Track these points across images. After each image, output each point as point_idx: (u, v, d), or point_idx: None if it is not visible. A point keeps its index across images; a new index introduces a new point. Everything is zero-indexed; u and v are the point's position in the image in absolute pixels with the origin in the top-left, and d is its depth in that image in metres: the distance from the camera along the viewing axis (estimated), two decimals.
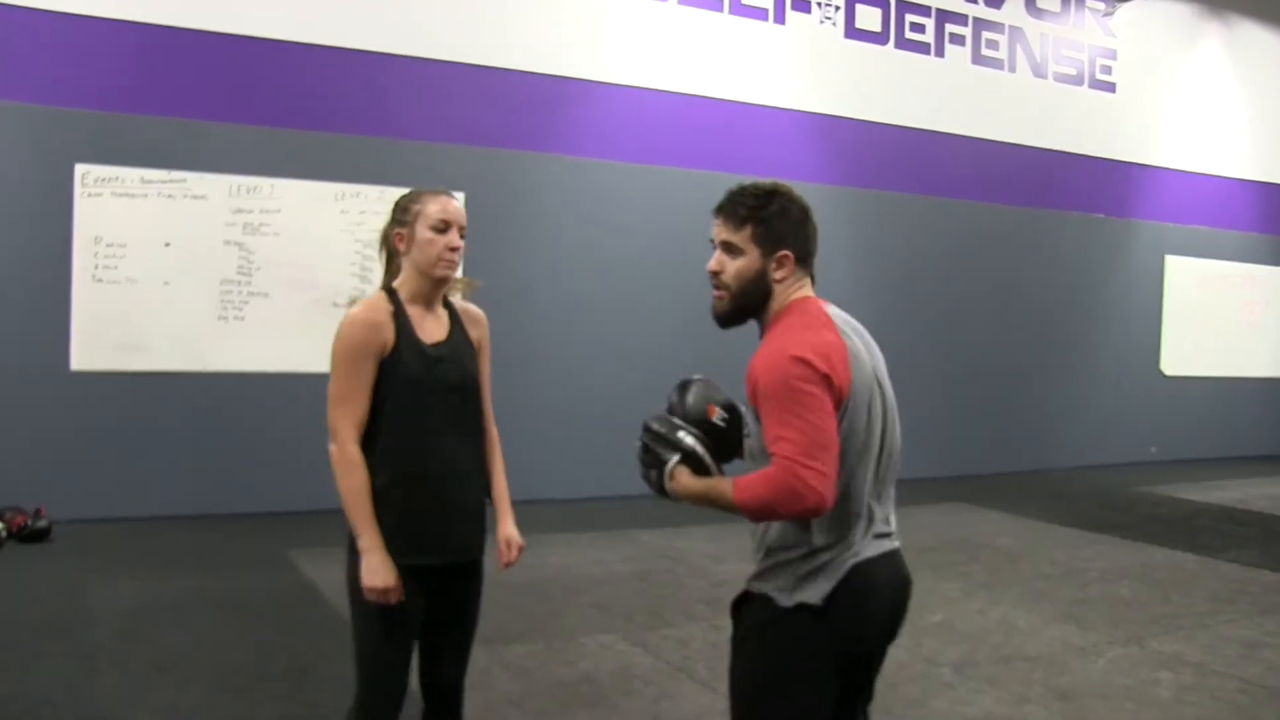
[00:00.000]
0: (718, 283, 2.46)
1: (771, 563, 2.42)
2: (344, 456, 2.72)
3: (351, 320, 2.77)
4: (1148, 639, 5.40)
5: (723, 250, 2.44)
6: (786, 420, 2.20)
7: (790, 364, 2.24)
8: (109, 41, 7.27)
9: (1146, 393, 12.10)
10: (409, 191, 2.95)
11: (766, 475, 2.21)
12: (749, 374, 2.31)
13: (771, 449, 2.21)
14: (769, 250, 2.40)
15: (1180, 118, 12.33)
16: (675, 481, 2.41)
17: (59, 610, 5.33)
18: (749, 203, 2.42)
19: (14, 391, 7.05)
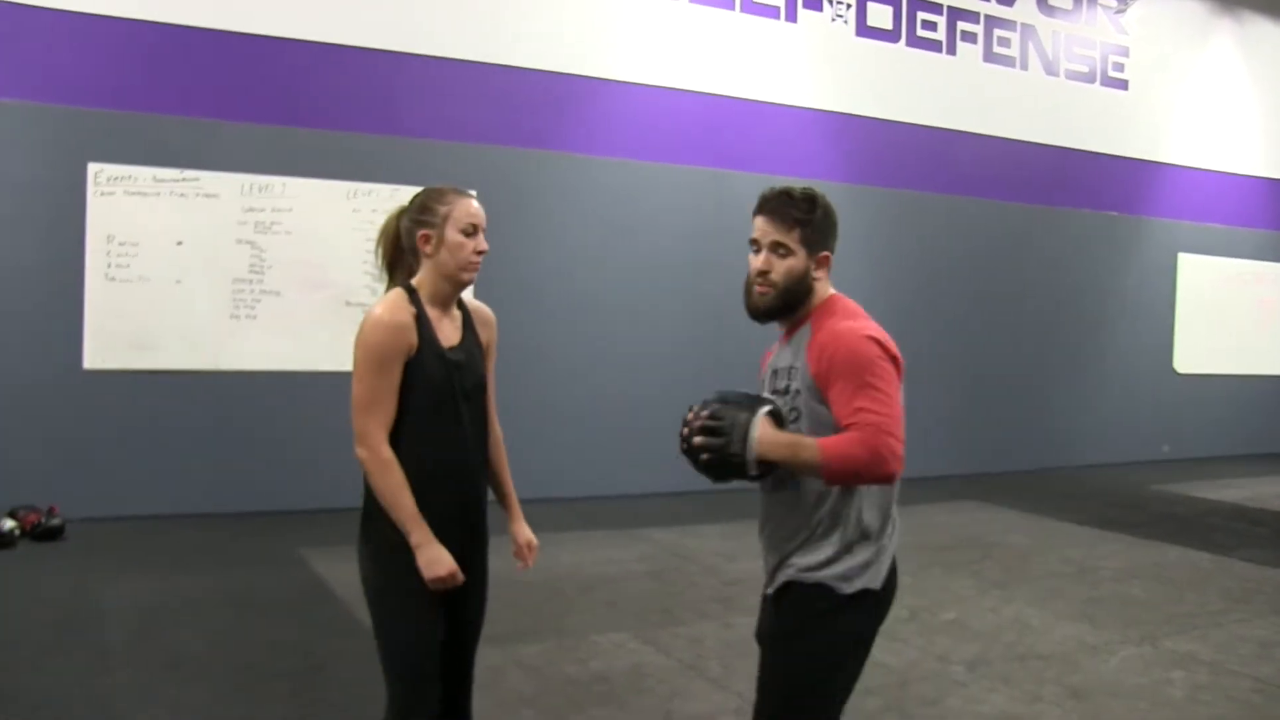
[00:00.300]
0: (765, 281, 2.55)
1: (828, 551, 2.48)
2: (378, 459, 2.69)
3: (376, 323, 2.71)
4: (1161, 638, 5.38)
5: (771, 250, 2.54)
6: (867, 393, 2.35)
7: (865, 342, 2.42)
8: (121, 41, 7.29)
9: (1159, 391, 12.06)
10: (431, 189, 2.89)
11: (853, 438, 2.31)
12: (817, 352, 2.44)
13: (852, 419, 2.33)
14: (813, 252, 2.55)
15: (1193, 115, 12.28)
16: (761, 432, 2.38)
17: (72, 608, 5.35)
18: (800, 207, 2.55)
19: (27, 390, 7.07)
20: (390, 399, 2.71)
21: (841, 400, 2.38)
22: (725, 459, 2.40)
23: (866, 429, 2.30)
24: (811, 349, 2.48)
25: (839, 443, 2.32)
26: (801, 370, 2.50)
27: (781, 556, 2.56)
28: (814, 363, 2.45)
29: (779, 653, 2.53)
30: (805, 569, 2.49)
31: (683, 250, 9.11)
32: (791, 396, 2.52)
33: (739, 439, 2.38)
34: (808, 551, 2.50)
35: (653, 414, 8.94)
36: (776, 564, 2.58)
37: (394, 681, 2.77)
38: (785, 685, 2.50)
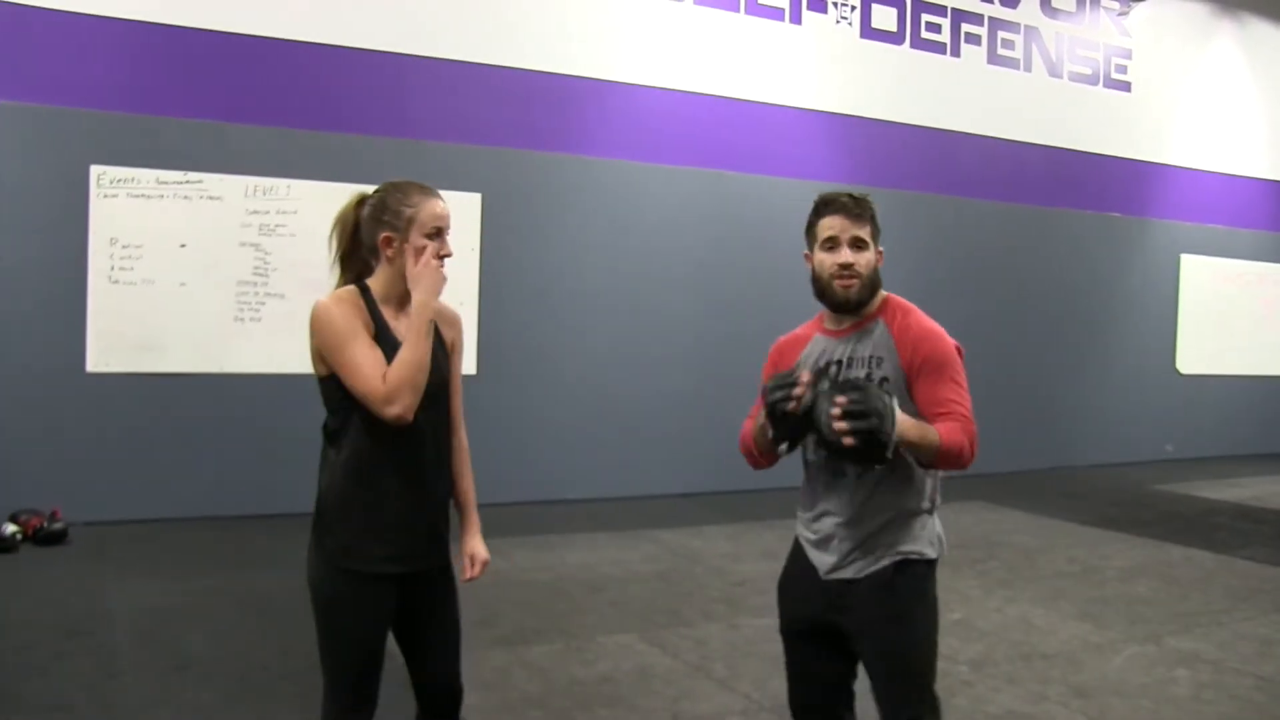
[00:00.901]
0: (851, 273, 2.74)
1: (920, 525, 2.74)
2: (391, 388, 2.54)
3: (326, 305, 2.64)
4: (1165, 636, 5.39)
5: (853, 246, 2.75)
6: (956, 388, 2.65)
7: (952, 347, 2.71)
8: (125, 43, 7.30)
9: (1162, 391, 12.06)
10: (393, 186, 2.72)
11: (956, 427, 2.58)
12: (911, 345, 2.68)
13: (943, 408, 2.61)
14: (877, 245, 2.82)
15: (1195, 117, 12.29)
16: (901, 423, 2.48)
17: (77, 612, 5.35)
18: (867, 206, 2.82)
19: (30, 393, 7.07)
20: (373, 352, 2.59)
21: (931, 391, 2.64)
22: (875, 440, 2.44)
23: (964, 420, 2.60)
24: (903, 342, 2.69)
25: (951, 431, 2.57)
26: (890, 361, 2.69)
27: (866, 537, 2.70)
28: (907, 354, 2.68)
29: (905, 628, 2.69)
30: (908, 546, 2.71)
31: (688, 252, 9.11)
32: (877, 383, 2.66)
33: (890, 420, 2.44)
34: (903, 529, 2.71)
35: (658, 415, 8.96)
36: (857, 546, 2.70)
37: (329, 690, 2.72)
38: (923, 656, 2.72)
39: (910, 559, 2.70)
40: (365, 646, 2.70)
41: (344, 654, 2.70)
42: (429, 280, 2.64)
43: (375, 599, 2.69)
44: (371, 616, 2.70)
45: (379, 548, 2.67)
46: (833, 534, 2.74)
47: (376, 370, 2.57)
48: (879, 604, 2.67)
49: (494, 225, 8.30)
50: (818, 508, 2.80)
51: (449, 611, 2.85)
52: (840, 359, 2.75)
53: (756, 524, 7.87)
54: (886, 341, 2.72)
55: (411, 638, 2.82)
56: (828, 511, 2.76)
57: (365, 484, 2.66)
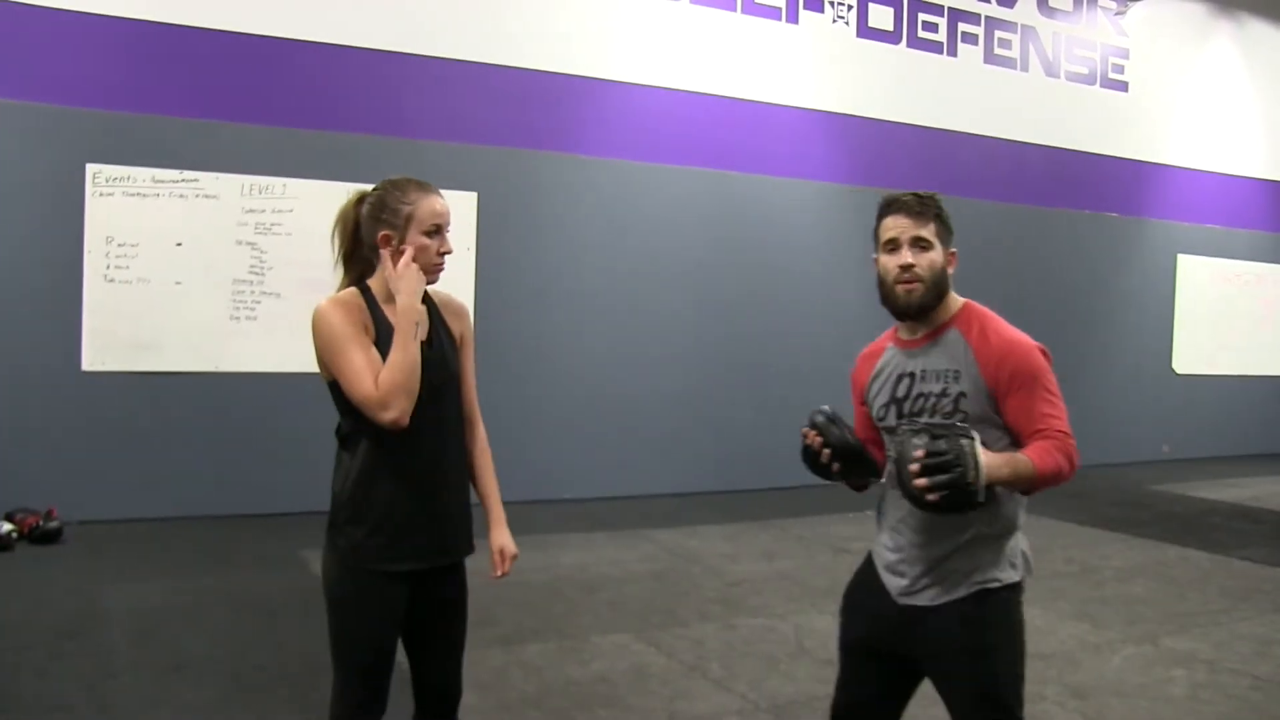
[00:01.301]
0: (912, 275, 2.58)
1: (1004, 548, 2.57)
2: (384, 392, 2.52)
3: (326, 308, 2.63)
4: (1162, 637, 5.39)
5: (913, 246, 2.59)
6: (1051, 402, 2.52)
7: (1038, 352, 2.56)
8: (120, 41, 7.28)
9: (1159, 391, 12.06)
10: (391, 183, 2.71)
11: (1051, 447, 2.44)
12: (996, 359, 2.51)
13: (1040, 425, 2.47)
14: (946, 247, 2.64)
15: (1192, 116, 12.30)
16: (987, 465, 2.34)
17: (73, 611, 5.34)
18: (932, 204, 2.63)
19: (25, 392, 7.06)
20: (370, 357, 2.58)
21: (1024, 408, 2.49)
22: (962, 490, 2.31)
23: (1061, 437, 2.46)
24: (985, 355, 2.53)
25: (1044, 454, 2.42)
26: (970, 374, 2.53)
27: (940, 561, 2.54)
28: (991, 368, 2.52)
29: (989, 663, 2.52)
30: (988, 573, 2.54)
31: (685, 251, 9.11)
32: (953, 399, 2.54)
33: (974, 468, 2.31)
34: (982, 553, 2.54)
35: (655, 415, 8.96)
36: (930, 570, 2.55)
37: (340, 689, 2.71)
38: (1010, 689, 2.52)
39: (990, 587, 2.53)
40: (377, 646, 2.70)
41: (356, 653, 2.69)
42: (409, 282, 2.62)
43: (388, 598, 2.68)
44: (384, 616, 2.69)
45: (392, 547, 2.66)
46: (905, 555, 2.60)
47: (372, 376, 2.56)
48: (960, 638, 2.52)
49: (490, 225, 8.29)
50: (890, 525, 2.67)
51: (458, 611, 2.85)
52: (913, 372, 2.61)
53: (753, 524, 7.87)
54: (964, 354, 2.56)
55: (418, 636, 2.80)
56: (900, 531, 2.62)
57: (379, 485, 2.65)
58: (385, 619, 2.70)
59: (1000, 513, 2.54)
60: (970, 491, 2.31)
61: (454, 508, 2.78)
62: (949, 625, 2.52)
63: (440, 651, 2.83)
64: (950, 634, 2.52)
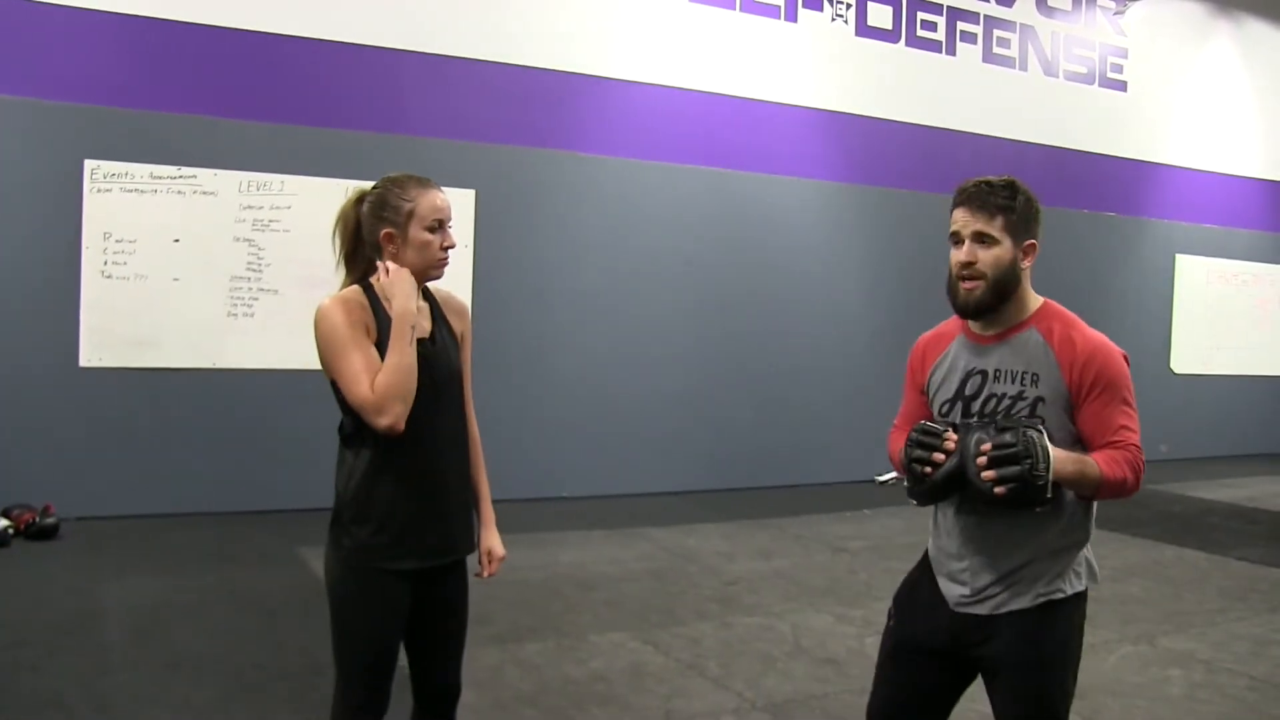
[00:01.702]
0: (972, 273, 2.48)
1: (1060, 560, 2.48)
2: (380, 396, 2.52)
3: (329, 307, 2.62)
4: (1158, 636, 5.39)
5: (975, 241, 2.48)
6: (1128, 413, 2.41)
7: (1121, 359, 2.46)
8: (119, 36, 7.27)
9: (1157, 391, 12.03)
10: (390, 180, 2.71)
11: (1121, 458, 2.36)
12: (1080, 363, 2.41)
13: (1115, 436, 2.37)
14: (1019, 240, 2.48)
15: (1191, 116, 12.30)
16: (1056, 463, 2.28)
17: (70, 608, 5.33)
18: (1001, 194, 2.48)
19: (22, 387, 7.05)
20: (370, 361, 2.57)
21: (1100, 416, 2.39)
22: (1030, 482, 2.25)
23: (1131, 449, 2.37)
24: (1067, 358, 2.42)
25: (1112, 462, 2.35)
26: (1051, 379, 2.42)
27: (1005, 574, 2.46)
28: (1072, 372, 2.41)
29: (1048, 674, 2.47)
30: (1054, 584, 2.46)
31: (683, 249, 9.10)
32: (1030, 404, 2.44)
33: (1043, 460, 2.26)
34: (1048, 565, 2.46)
35: (653, 413, 8.95)
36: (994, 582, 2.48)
37: (342, 688, 2.71)
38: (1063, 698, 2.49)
39: (1054, 599, 2.45)
40: (380, 645, 2.70)
41: (358, 652, 2.69)
42: (402, 285, 2.62)
43: (391, 597, 2.68)
44: (387, 615, 2.69)
45: (397, 546, 2.67)
46: (966, 564, 2.52)
47: (369, 379, 2.55)
48: (1021, 649, 2.45)
49: (489, 222, 8.28)
50: (949, 527, 2.57)
51: (459, 609, 2.85)
52: (984, 370, 2.50)
53: (750, 523, 7.87)
54: (1044, 356, 2.44)
55: (419, 633, 2.80)
56: (961, 538, 2.53)
57: (383, 483, 2.65)
58: (388, 618, 2.69)
59: (1073, 526, 2.48)
60: (1039, 486, 2.25)
61: (457, 506, 2.79)
62: (1012, 634, 2.45)
63: (440, 650, 2.83)
64: (1012, 643, 2.45)
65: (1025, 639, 2.44)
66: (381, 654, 2.70)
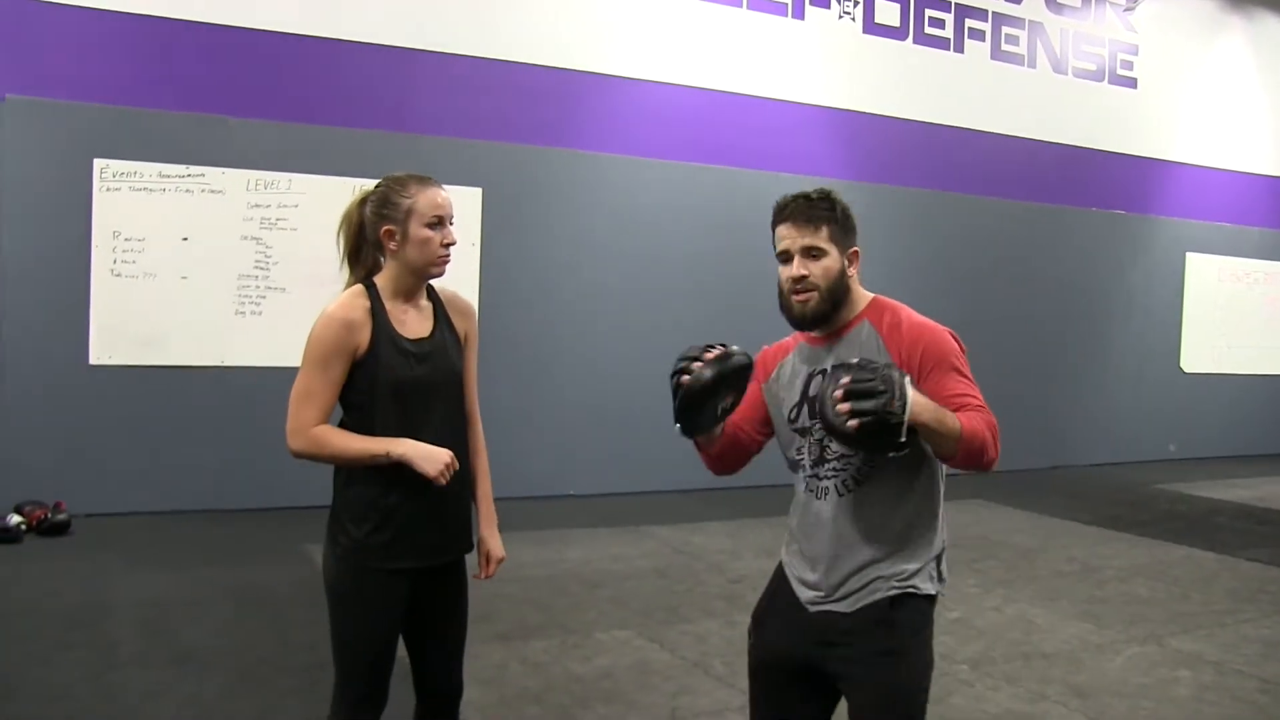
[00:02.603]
0: (805, 285, 2.48)
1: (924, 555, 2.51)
2: (313, 440, 2.67)
3: (328, 319, 2.67)
4: (1166, 637, 5.38)
5: (805, 255, 2.49)
6: (962, 380, 2.39)
7: (950, 337, 2.47)
8: (127, 36, 7.30)
9: (1166, 390, 12.03)
10: (392, 179, 2.75)
11: (979, 418, 2.31)
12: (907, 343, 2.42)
13: (957, 404, 2.31)
14: (844, 249, 2.51)
15: (1202, 113, 12.25)
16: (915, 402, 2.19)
17: (79, 603, 5.36)
18: (822, 206, 2.53)
19: (33, 385, 7.08)
20: (327, 394, 2.67)
21: (935, 388, 2.34)
22: (884, 419, 2.14)
23: (985, 412, 2.34)
24: (894, 341, 2.44)
25: (969, 418, 2.29)
26: (874, 351, 2.42)
27: (858, 568, 2.44)
28: (902, 353, 2.41)
29: (899, 668, 2.41)
30: (907, 580, 2.44)
31: (690, 247, 9.10)
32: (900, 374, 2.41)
33: (900, 396, 2.15)
34: (900, 559, 2.46)
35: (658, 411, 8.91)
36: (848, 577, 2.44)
37: (342, 685, 2.73)
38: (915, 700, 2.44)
39: (909, 593, 2.43)
40: (378, 642, 2.72)
41: (357, 650, 2.71)
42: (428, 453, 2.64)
43: (389, 595, 2.70)
44: (385, 613, 2.71)
45: (394, 545, 2.68)
46: (818, 560, 2.48)
47: (313, 407, 2.68)
48: (872, 641, 2.40)
49: (495, 220, 8.29)
50: (803, 530, 2.54)
51: (458, 607, 2.86)
52: (824, 369, 2.44)
53: (755, 520, 7.86)
54: (875, 343, 2.45)
55: (419, 632, 2.82)
56: (813, 535, 2.50)
57: (380, 482, 2.67)
58: (386, 616, 2.71)
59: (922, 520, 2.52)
60: (894, 424, 2.14)
61: (455, 505, 2.80)
62: (864, 628, 2.41)
63: (441, 648, 2.85)
64: (864, 638, 2.41)
65: (876, 632, 2.41)
66: (380, 652, 2.72)
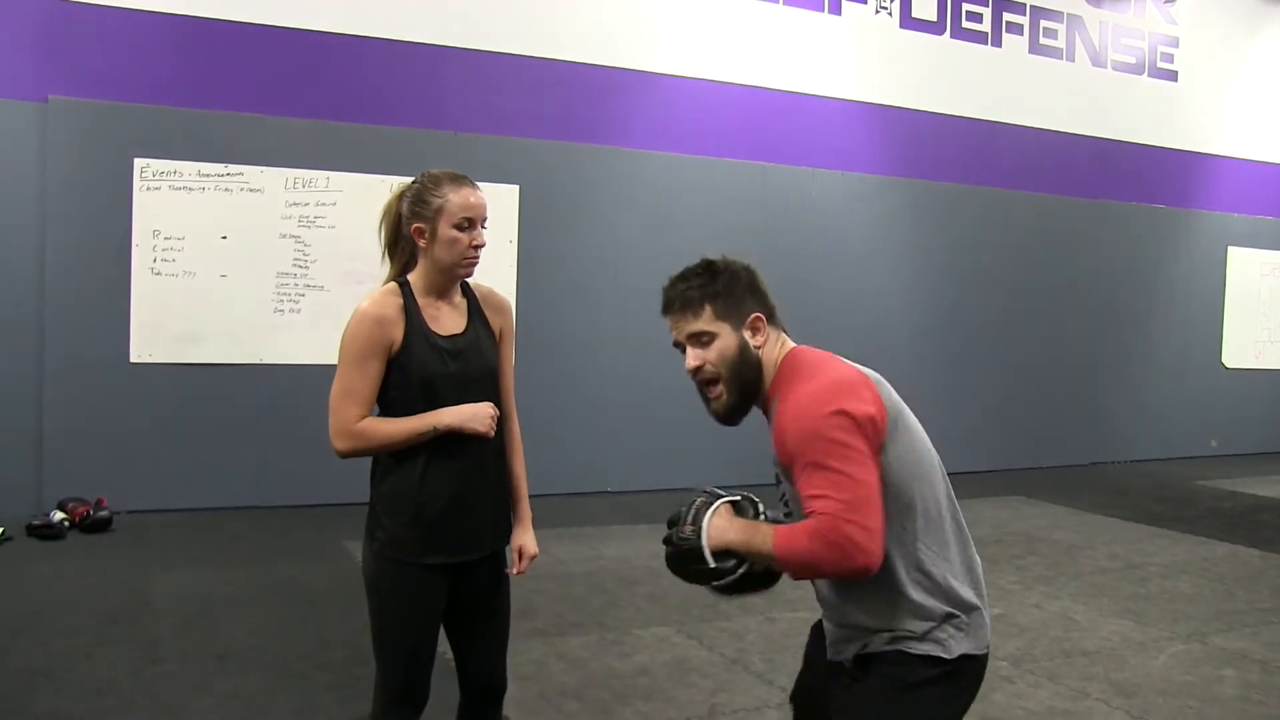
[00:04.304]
0: (705, 376, 2.28)
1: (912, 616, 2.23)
2: (358, 435, 2.66)
3: (361, 316, 2.68)
4: (1210, 635, 5.31)
5: (693, 344, 2.28)
6: (822, 475, 2.03)
7: (824, 418, 2.07)
8: (167, 36, 7.36)
9: (1207, 385, 11.89)
10: (428, 176, 2.75)
11: (807, 528, 2.02)
12: (777, 435, 2.16)
13: (810, 507, 2.03)
14: (737, 322, 2.26)
15: (1243, 106, 12.08)
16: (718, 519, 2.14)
17: (121, 599, 5.42)
18: (694, 283, 2.32)
19: (75, 383, 7.16)
20: (369, 392, 2.68)
21: (803, 486, 2.06)
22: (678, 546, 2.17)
23: (822, 518, 1.99)
24: (774, 433, 2.18)
25: (793, 533, 2.04)
26: (772, 458, 2.21)
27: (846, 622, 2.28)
28: (778, 450, 2.16)
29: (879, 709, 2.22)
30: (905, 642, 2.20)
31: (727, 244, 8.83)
32: (784, 489, 2.26)
33: (691, 522, 2.16)
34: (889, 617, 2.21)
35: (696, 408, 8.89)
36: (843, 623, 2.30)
37: (382, 680, 2.74)
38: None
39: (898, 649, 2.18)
40: (416, 637, 2.72)
41: (396, 644, 2.72)
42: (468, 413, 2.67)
43: (426, 592, 2.71)
44: (422, 608, 2.72)
45: (429, 540, 2.69)
46: (827, 612, 2.36)
47: (354, 405, 2.67)
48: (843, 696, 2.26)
49: (532, 217, 8.29)
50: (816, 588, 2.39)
51: (498, 603, 2.87)
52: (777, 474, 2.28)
53: None
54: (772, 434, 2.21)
55: (460, 628, 2.83)
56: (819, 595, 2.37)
57: (416, 479, 2.68)
58: (423, 611, 2.72)
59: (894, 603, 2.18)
60: (687, 551, 2.15)
61: (491, 501, 2.81)
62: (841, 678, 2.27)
63: (482, 644, 2.85)
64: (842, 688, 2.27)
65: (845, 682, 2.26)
66: (417, 646, 2.73)
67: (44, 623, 4.96)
